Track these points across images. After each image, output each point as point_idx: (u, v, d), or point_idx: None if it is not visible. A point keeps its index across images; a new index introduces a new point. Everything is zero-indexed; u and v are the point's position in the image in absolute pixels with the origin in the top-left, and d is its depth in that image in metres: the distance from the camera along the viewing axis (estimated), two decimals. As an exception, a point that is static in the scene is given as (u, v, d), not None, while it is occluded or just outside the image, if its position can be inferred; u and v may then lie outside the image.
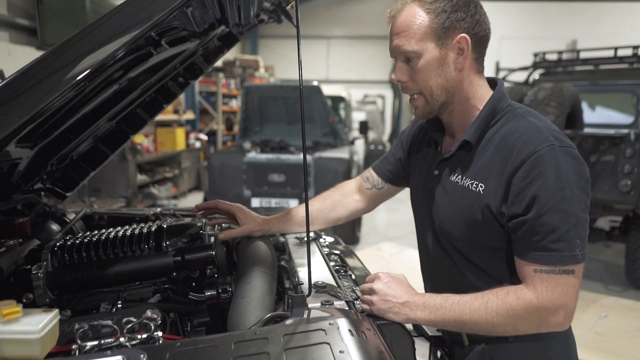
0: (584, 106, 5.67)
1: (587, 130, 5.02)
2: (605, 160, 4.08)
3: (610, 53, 5.29)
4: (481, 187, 1.19)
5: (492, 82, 1.30)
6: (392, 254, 4.75)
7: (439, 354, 1.41)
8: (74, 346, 0.99)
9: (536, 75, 6.04)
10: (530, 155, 1.10)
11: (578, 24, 9.51)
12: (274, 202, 5.71)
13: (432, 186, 1.35)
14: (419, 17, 1.18)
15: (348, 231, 6.14)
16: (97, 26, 1.02)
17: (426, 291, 1.44)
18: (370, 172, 1.62)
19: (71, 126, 1.61)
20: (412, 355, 1.20)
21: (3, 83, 0.96)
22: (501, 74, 6.59)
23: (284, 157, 5.88)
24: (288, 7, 1.66)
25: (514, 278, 1.18)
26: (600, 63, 5.57)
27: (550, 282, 1.09)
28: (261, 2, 1.56)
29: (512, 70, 6.21)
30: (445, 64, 1.20)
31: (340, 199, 1.62)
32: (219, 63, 12.21)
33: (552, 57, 5.82)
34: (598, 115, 5.74)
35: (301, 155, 5.92)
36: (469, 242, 1.25)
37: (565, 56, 5.81)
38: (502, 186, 1.14)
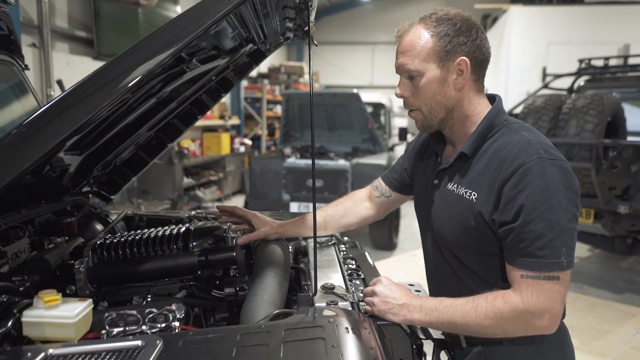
0: (637, 114, 5.47)
1: (629, 139, 4.86)
2: (647, 170, 3.96)
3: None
4: (474, 195, 1.27)
5: (492, 99, 1.38)
6: (426, 260, 4.78)
7: (444, 356, 1.48)
8: (102, 331, 1.14)
9: (581, 82, 5.90)
10: (520, 166, 1.17)
11: (632, 28, 9.12)
12: (312, 207, 5.84)
13: (431, 194, 1.43)
14: (424, 38, 1.26)
15: (385, 237, 6.20)
16: (139, 47, 1.17)
17: (430, 294, 1.52)
18: (379, 181, 1.71)
19: (115, 135, 1.79)
20: (411, 354, 1.28)
21: (64, 93, 1.13)
22: (547, 80, 6.44)
23: (323, 162, 6.01)
24: (308, 29, 1.77)
25: (505, 282, 1.24)
26: (650, 69, 5.38)
27: (535, 287, 1.15)
28: (284, 23, 1.68)
29: (557, 77, 6.09)
30: (446, 84, 1.28)
31: (351, 206, 1.72)
32: (264, 69, 12.53)
33: (599, 63, 5.67)
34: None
35: (340, 162, 6.04)
36: (464, 247, 1.32)
37: (612, 62, 5.64)
38: (494, 195, 1.22)
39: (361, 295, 1.40)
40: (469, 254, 1.32)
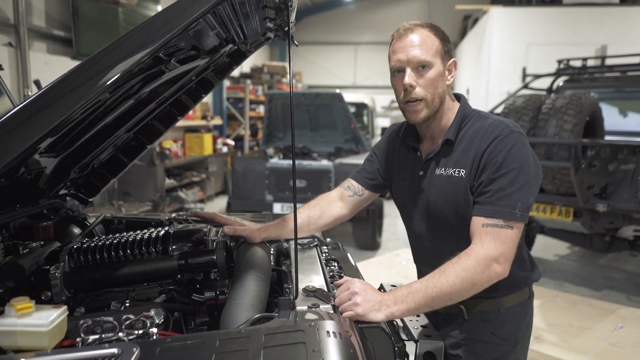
0: (614, 113, 5.57)
1: (607, 138, 4.95)
2: (624, 169, 4.03)
3: (637, 60, 5.20)
4: (462, 171, 1.48)
5: (457, 97, 1.63)
6: (409, 259, 4.77)
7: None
8: (78, 339, 1.11)
9: (560, 82, 5.98)
10: (495, 137, 1.43)
11: (609, 30, 9.31)
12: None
13: (419, 185, 1.59)
14: (433, 38, 1.50)
15: (369, 237, 6.21)
16: (115, 46, 1.14)
17: None
18: (350, 182, 1.82)
19: (93, 137, 1.75)
20: (393, 356, 1.27)
21: (38, 93, 1.10)
22: (527, 81, 6.52)
23: (306, 163, 5.99)
24: (287, 29, 1.76)
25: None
26: (627, 70, 5.47)
27: (493, 234, 1.35)
28: (264, 23, 1.66)
29: (536, 77, 6.17)
30: (443, 79, 1.52)
31: (326, 207, 1.79)
32: (246, 70, 12.46)
33: (577, 63, 5.75)
34: (635, 123, 5.59)
35: (323, 162, 6.04)
36: (462, 221, 1.48)
37: (590, 63, 5.73)
38: (476, 165, 1.45)
39: None
40: (468, 227, 1.44)
